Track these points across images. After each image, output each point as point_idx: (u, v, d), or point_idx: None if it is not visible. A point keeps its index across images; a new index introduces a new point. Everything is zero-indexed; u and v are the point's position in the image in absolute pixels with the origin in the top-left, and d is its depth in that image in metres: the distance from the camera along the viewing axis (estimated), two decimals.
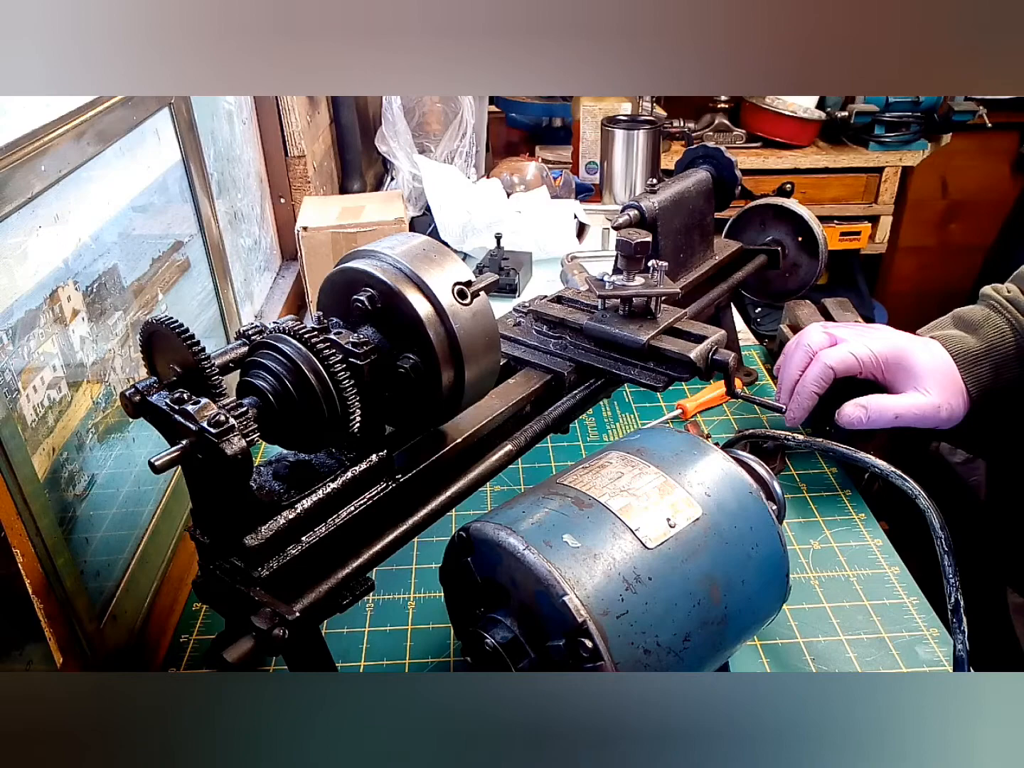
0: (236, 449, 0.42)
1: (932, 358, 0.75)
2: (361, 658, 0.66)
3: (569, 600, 0.46)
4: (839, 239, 2.38)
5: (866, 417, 0.73)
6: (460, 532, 0.52)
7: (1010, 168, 2.67)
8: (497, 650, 0.49)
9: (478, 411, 0.59)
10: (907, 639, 0.65)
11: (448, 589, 0.57)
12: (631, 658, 0.46)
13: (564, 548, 0.48)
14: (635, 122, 1.60)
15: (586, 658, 0.45)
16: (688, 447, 0.57)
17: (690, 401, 0.94)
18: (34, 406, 0.53)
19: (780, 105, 2.24)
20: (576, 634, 0.46)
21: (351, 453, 0.52)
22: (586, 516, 0.50)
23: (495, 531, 0.50)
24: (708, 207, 0.87)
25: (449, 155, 1.63)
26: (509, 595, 0.50)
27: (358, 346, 0.48)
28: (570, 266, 1.21)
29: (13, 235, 0.52)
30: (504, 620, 0.50)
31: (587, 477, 0.54)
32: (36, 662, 0.52)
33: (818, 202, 2.32)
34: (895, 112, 2.25)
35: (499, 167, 1.64)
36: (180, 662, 0.66)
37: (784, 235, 0.95)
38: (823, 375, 0.76)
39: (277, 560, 0.48)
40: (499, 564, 0.50)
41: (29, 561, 0.50)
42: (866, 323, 0.85)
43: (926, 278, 2.82)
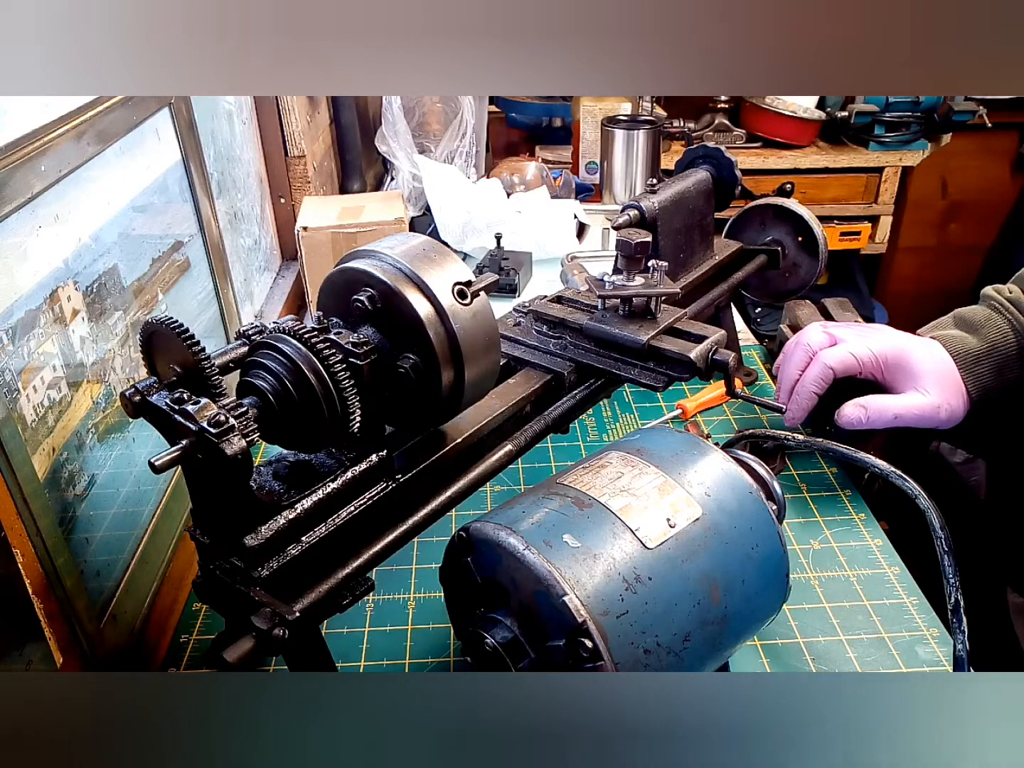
0: (236, 449, 0.42)
1: (932, 358, 0.75)
2: (361, 658, 0.66)
3: (569, 600, 0.46)
4: (839, 239, 2.38)
5: (866, 417, 0.73)
6: (460, 532, 0.52)
7: (1010, 168, 2.67)
8: (497, 650, 0.49)
9: (478, 411, 0.59)
10: (907, 639, 0.65)
11: (448, 589, 0.56)
12: (631, 658, 0.46)
13: (564, 548, 0.48)
14: (635, 122, 1.60)
15: (586, 658, 0.45)
16: (688, 447, 0.57)
17: (690, 401, 0.94)
18: (34, 406, 0.53)
19: (780, 105, 2.24)
20: (576, 634, 0.45)
21: (351, 453, 0.52)
22: (586, 516, 0.50)
23: (495, 531, 0.50)
24: (708, 207, 0.87)
25: (449, 155, 1.63)
26: (509, 595, 0.50)
27: (358, 346, 0.48)
28: (570, 266, 1.21)
29: (13, 235, 0.52)
30: (504, 620, 0.50)
31: (587, 477, 0.54)
32: (36, 662, 0.52)
33: (818, 202, 2.32)
34: (895, 112, 2.25)
35: (499, 167, 1.64)
36: (180, 662, 0.66)
37: (784, 235, 0.95)
38: (823, 375, 0.76)
39: (277, 560, 0.48)
40: (499, 564, 0.50)
41: (29, 561, 0.50)
42: (866, 323, 0.85)
43: (926, 278, 2.82)
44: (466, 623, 0.54)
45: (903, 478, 0.61)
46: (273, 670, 0.64)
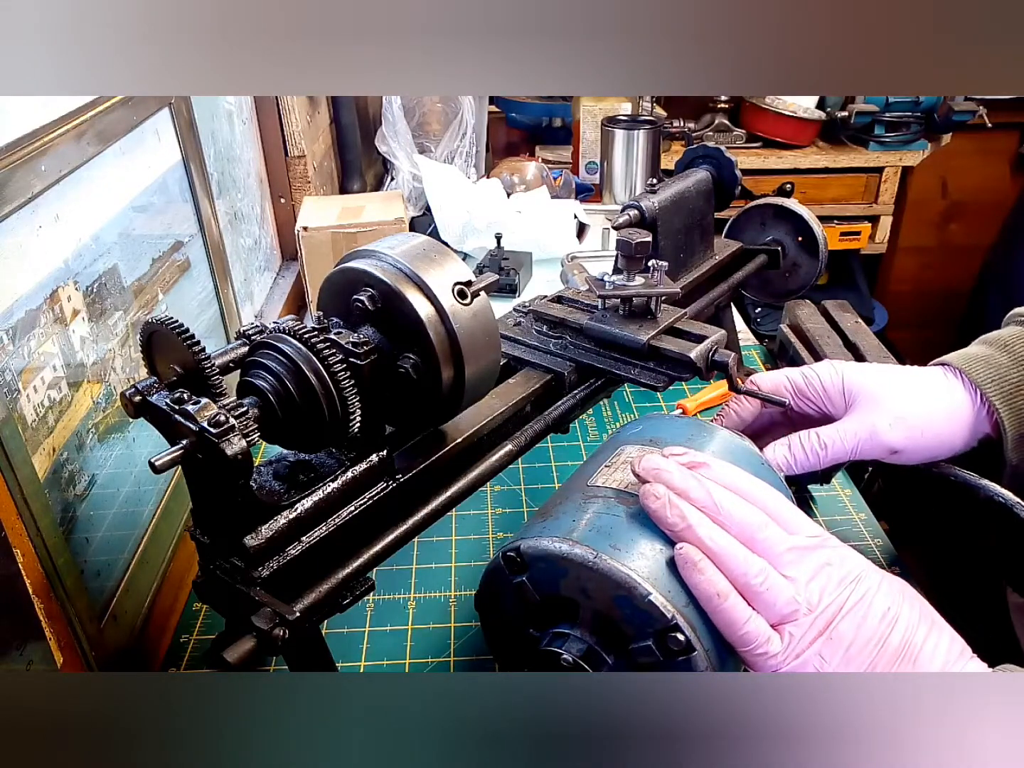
0: (236, 449, 0.42)
1: (879, 370, 0.67)
2: (361, 658, 0.66)
3: (655, 598, 0.45)
4: (839, 239, 2.38)
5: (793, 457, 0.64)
6: (508, 553, 0.50)
7: (1010, 168, 2.67)
8: (578, 663, 0.48)
9: (478, 411, 0.59)
10: None
11: (489, 615, 0.55)
12: (716, 643, 0.46)
13: (631, 548, 0.47)
14: (635, 122, 1.60)
15: (678, 651, 0.45)
16: (697, 430, 0.58)
17: (690, 401, 0.94)
18: (34, 406, 0.53)
19: (780, 105, 2.24)
20: (667, 631, 0.45)
21: (351, 453, 0.52)
22: (636, 513, 0.49)
23: (556, 545, 0.48)
24: (708, 207, 0.87)
25: (449, 155, 1.63)
26: (578, 607, 0.49)
27: (358, 346, 0.48)
28: (570, 266, 1.21)
29: (13, 235, 0.52)
30: (573, 632, 0.49)
31: (617, 475, 0.53)
32: (36, 662, 0.52)
33: (818, 202, 2.33)
34: (895, 112, 2.25)
35: (499, 167, 1.64)
36: (180, 662, 0.66)
37: (784, 235, 0.95)
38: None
39: (277, 560, 0.48)
40: (564, 577, 0.48)
41: (29, 561, 0.50)
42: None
43: (926, 278, 2.82)
44: (517, 645, 0.53)
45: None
46: (273, 670, 0.64)
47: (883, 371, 0.67)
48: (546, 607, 0.50)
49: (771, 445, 0.65)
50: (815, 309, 0.99)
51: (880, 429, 0.62)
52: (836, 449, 0.62)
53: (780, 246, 0.95)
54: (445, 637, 0.67)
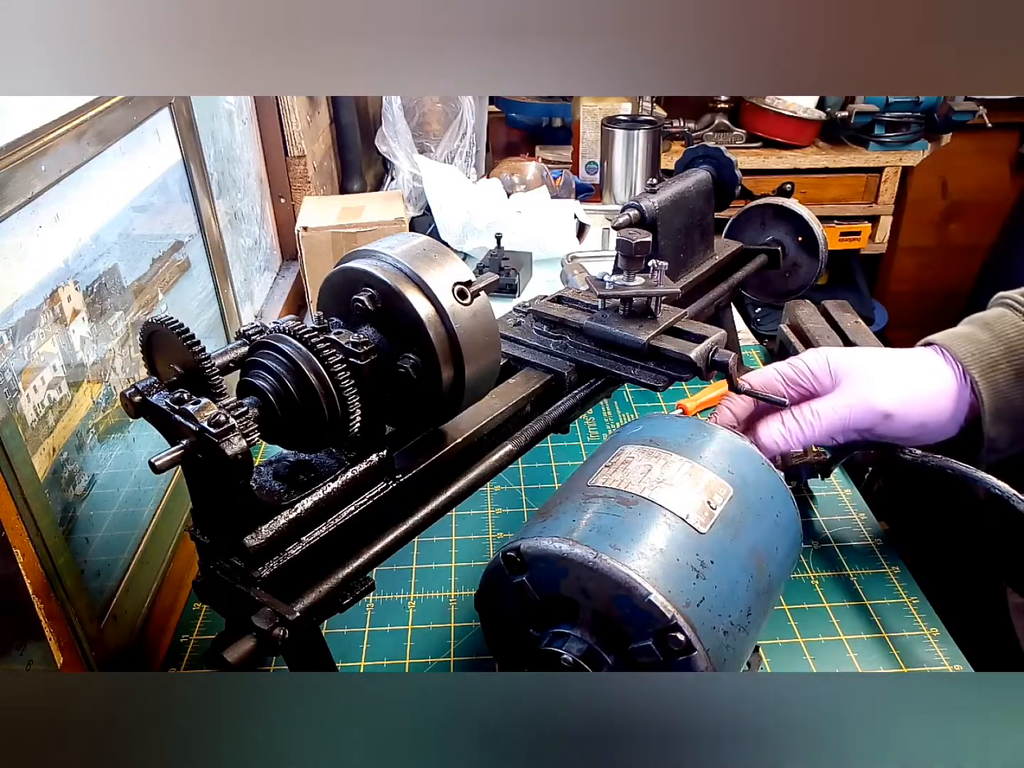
0: (236, 449, 0.42)
1: (864, 351, 0.68)
2: (361, 658, 0.66)
3: (655, 598, 0.45)
4: (839, 239, 2.38)
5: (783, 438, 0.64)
6: (507, 553, 0.50)
7: (1010, 168, 2.67)
8: (578, 663, 0.48)
9: (478, 411, 0.59)
10: (907, 639, 0.65)
11: (489, 615, 0.55)
12: (716, 643, 0.46)
13: (631, 548, 0.47)
14: (635, 122, 1.60)
15: (678, 651, 0.45)
16: (696, 430, 0.58)
17: (690, 401, 0.94)
18: (34, 406, 0.53)
19: (780, 105, 2.24)
20: (667, 631, 0.45)
21: (351, 453, 0.52)
22: (636, 513, 0.50)
23: (556, 545, 0.48)
24: (708, 207, 0.87)
25: (449, 155, 1.63)
26: (578, 606, 0.49)
27: (358, 346, 0.48)
28: (570, 266, 1.21)
29: (13, 235, 0.52)
30: (572, 632, 0.49)
31: (617, 475, 0.53)
32: (36, 662, 0.52)
33: (818, 202, 2.32)
34: (895, 112, 2.25)
35: (499, 167, 1.64)
36: (180, 662, 0.66)
37: (784, 235, 0.95)
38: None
39: (277, 560, 0.48)
40: (564, 577, 0.48)
41: (29, 561, 0.50)
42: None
43: (926, 278, 2.82)
44: (517, 645, 0.53)
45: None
46: (273, 670, 0.64)
47: (869, 350, 0.69)
48: (546, 607, 0.50)
49: (763, 423, 0.65)
50: (815, 309, 0.99)
51: (870, 394, 0.63)
52: (829, 418, 0.63)
53: (780, 246, 0.95)
54: (445, 637, 0.67)
